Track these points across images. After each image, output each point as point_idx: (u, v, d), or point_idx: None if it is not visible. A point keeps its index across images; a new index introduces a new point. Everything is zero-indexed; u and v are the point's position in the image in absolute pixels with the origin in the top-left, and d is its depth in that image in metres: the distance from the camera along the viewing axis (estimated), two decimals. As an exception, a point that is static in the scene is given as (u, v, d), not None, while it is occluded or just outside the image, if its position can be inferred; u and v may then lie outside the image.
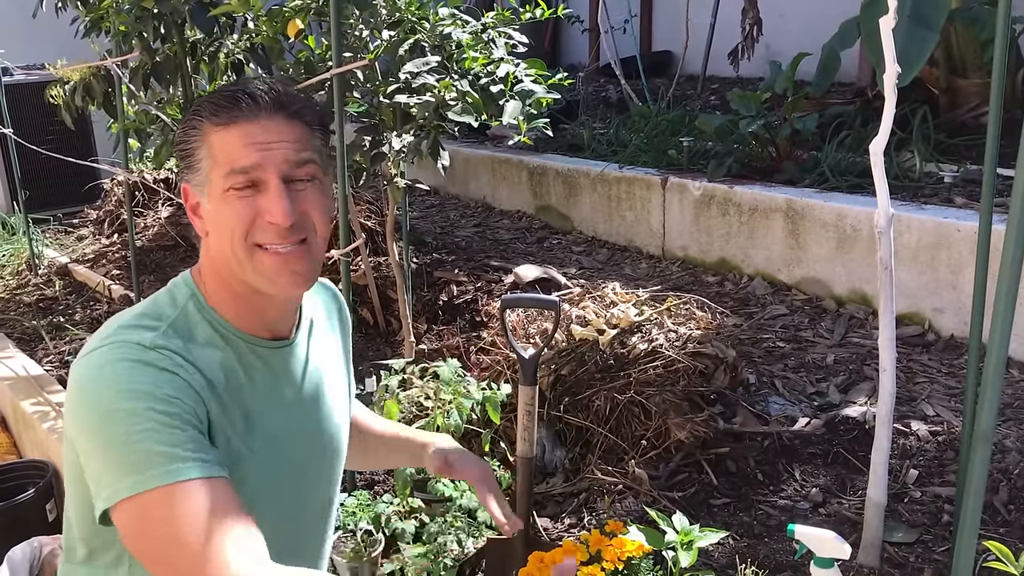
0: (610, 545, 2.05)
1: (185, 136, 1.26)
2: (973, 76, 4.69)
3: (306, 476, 1.40)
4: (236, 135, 1.21)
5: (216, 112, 1.22)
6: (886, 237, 2.14)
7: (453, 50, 2.94)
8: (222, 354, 1.26)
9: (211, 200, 1.24)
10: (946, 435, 2.90)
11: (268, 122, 1.22)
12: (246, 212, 1.21)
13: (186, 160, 1.26)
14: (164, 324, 1.23)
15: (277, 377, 1.34)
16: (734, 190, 4.39)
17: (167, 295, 1.30)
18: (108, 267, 5.47)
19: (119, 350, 1.16)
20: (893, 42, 2.02)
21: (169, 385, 1.14)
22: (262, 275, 1.24)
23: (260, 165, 1.20)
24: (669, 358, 2.93)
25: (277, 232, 1.22)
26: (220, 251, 1.26)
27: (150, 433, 1.10)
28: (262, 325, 1.32)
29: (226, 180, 1.21)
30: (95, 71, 4.07)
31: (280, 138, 1.22)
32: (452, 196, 6.48)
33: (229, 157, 1.21)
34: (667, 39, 7.96)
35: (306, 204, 1.25)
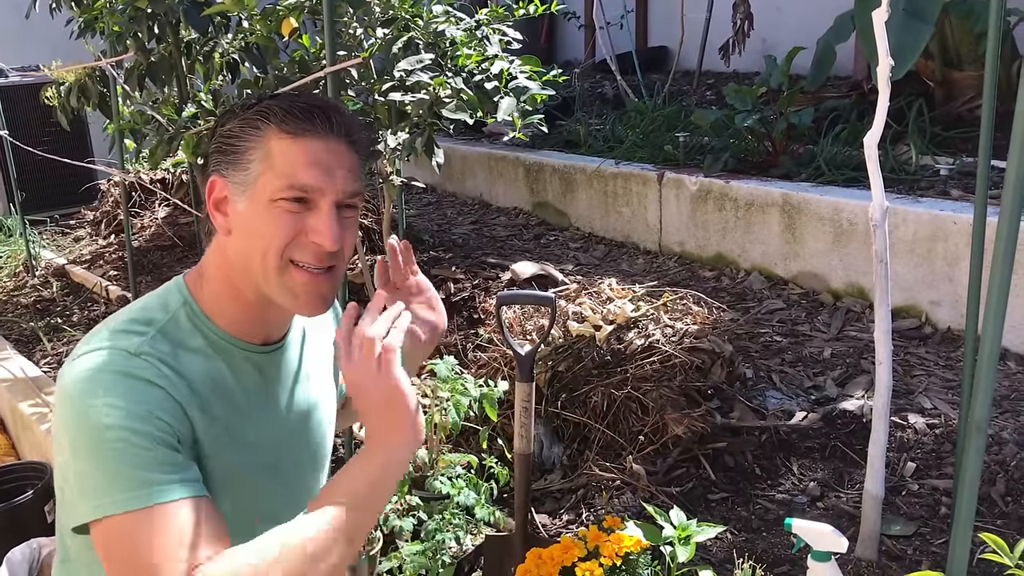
0: (608, 541, 2.05)
1: (241, 132, 1.22)
2: (968, 68, 4.69)
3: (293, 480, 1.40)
4: (302, 150, 1.19)
5: (286, 120, 1.20)
6: (881, 230, 2.14)
7: (447, 47, 2.94)
8: (211, 363, 1.25)
9: (252, 203, 1.21)
10: (943, 428, 2.91)
11: (336, 145, 1.21)
12: (291, 227, 1.20)
13: (231, 156, 1.23)
14: (153, 329, 1.21)
15: (270, 382, 1.33)
16: (730, 185, 4.39)
17: (158, 300, 1.28)
18: (105, 268, 5.47)
19: (104, 358, 1.15)
20: (887, 35, 2.02)
21: (149, 400, 1.13)
22: (289, 291, 1.23)
23: (320, 188, 1.19)
24: (666, 353, 2.93)
25: (316, 254, 1.21)
26: (242, 254, 1.23)
27: (122, 455, 1.09)
28: (259, 331, 1.31)
29: (279, 191, 1.19)
30: (90, 72, 4.07)
31: (341, 164, 1.21)
32: (449, 193, 6.48)
33: (291, 169, 1.19)
34: (662, 35, 7.95)
35: (345, 234, 1.24)
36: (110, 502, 1.09)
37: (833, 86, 5.71)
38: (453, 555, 2.39)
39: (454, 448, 2.94)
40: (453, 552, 2.40)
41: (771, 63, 5.07)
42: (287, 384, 1.37)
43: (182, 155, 4.03)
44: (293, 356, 1.39)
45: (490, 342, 3.40)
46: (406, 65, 2.78)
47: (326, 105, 1.22)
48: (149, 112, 3.58)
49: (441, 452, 2.77)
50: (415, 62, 2.78)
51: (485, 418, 2.81)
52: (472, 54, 2.92)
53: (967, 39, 4.62)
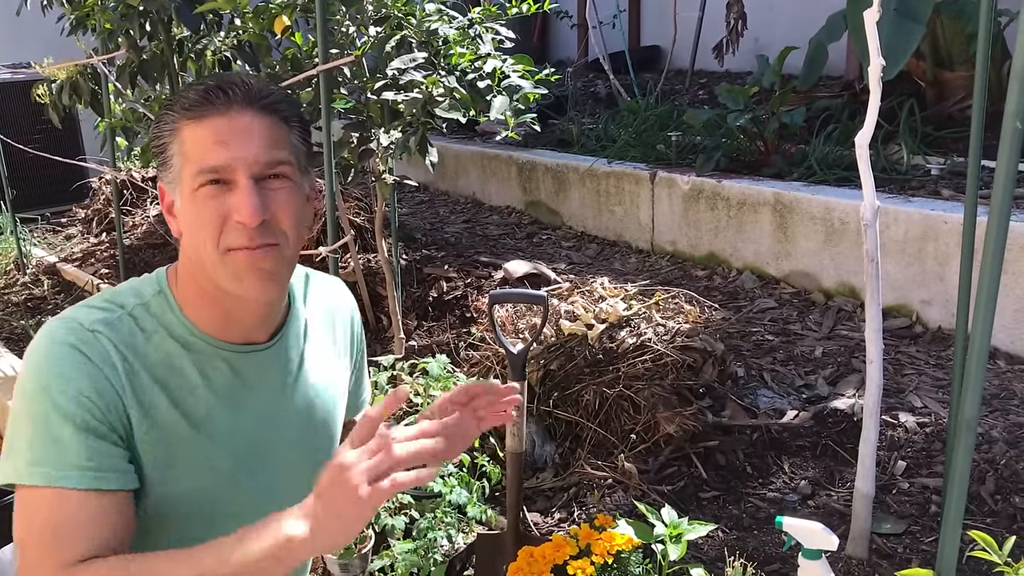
0: (600, 539, 2.05)
1: (158, 131, 1.21)
2: (960, 69, 4.70)
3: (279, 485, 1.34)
4: (207, 131, 1.16)
5: (188, 107, 1.17)
6: (872, 230, 2.15)
7: (440, 46, 2.95)
8: (175, 353, 1.23)
9: (182, 198, 1.20)
10: (934, 426, 2.92)
11: (240, 117, 1.17)
12: (216, 213, 1.16)
13: (160, 157, 1.22)
14: (121, 311, 1.22)
15: (246, 383, 1.29)
16: (722, 184, 4.40)
17: (134, 286, 1.28)
18: (97, 266, 5.45)
19: (59, 329, 1.17)
20: (878, 35, 2.03)
21: (87, 381, 1.13)
22: (233, 276, 1.19)
23: (229, 164, 1.15)
24: (658, 352, 2.93)
25: (246, 233, 1.16)
26: (193, 251, 1.22)
27: (43, 429, 1.12)
28: (236, 329, 1.28)
29: (195, 178, 1.16)
30: (82, 69, 4.06)
31: (252, 135, 1.17)
32: (441, 192, 6.48)
33: (199, 155, 1.16)
34: (655, 34, 7.96)
35: (277, 206, 1.19)
36: (19, 469, 1.12)
37: (825, 86, 5.73)
38: (445, 553, 2.39)
39: (446, 446, 2.94)
40: (445, 550, 2.40)
41: (763, 63, 5.08)
42: (273, 385, 1.33)
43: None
44: (280, 358, 1.34)
45: (482, 341, 3.40)
46: (399, 64, 2.78)
47: (225, 81, 1.18)
48: (141, 110, 3.58)
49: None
50: (408, 61, 2.78)
51: (477, 417, 2.81)
52: (465, 53, 2.93)
53: (958, 39, 4.64)
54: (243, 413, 1.29)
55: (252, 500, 1.30)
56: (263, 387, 1.32)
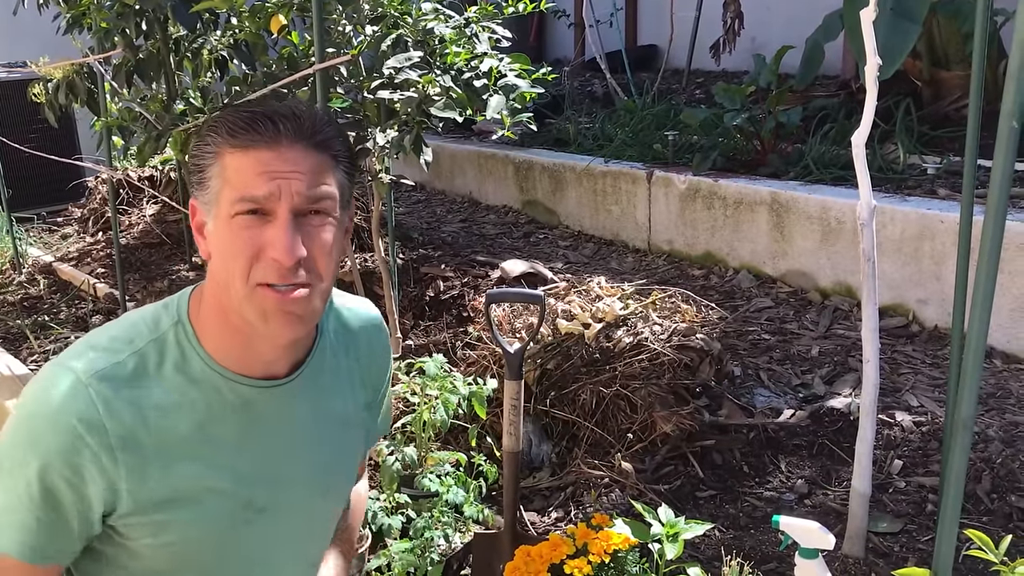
0: (596, 538, 2.05)
1: (198, 151, 1.16)
2: (956, 68, 4.71)
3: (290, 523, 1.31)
4: (251, 161, 1.11)
5: (233, 133, 1.13)
6: (868, 229, 2.15)
7: (436, 45, 2.94)
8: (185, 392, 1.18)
9: (216, 222, 1.15)
10: (930, 425, 2.92)
11: (288, 151, 1.12)
12: (250, 244, 1.11)
13: (196, 176, 1.17)
14: (129, 350, 1.17)
15: (258, 420, 1.24)
16: (719, 183, 4.40)
17: (153, 315, 1.22)
18: (93, 265, 5.44)
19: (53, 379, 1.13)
20: (875, 34, 2.03)
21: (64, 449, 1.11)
22: (259, 313, 1.14)
23: (272, 195, 1.11)
24: (655, 351, 2.93)
25: (278, 270, 1.11)
26: (220, 275, 1.16)
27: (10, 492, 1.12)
28: (256, 363, 1.22)
29: (234, 206, 1.12)
30: (78, 68, 4.05)
31: (297, 168, 1.12)
32: (438, 191, 6.48)
33: (242, 183, 1.11)
34: (652, 33, 7.97)
35: (314, 244, 1.14)
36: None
37: (821, 85, 5.73)
38: (442, 553, 2.39)
39: (443, 446, 2.95)
40: (442, 550, 2.40)
41: (760, 62, 5.09)
42: (286, 422, 1.27)
43: (170, 152, 4.02)
44: (300, 394, 1.28)
45: (479, 340, 3.40)
46: (395, 63, 2.77)
47: (274, 112, 1.14)
48: (137, 109, 3.57)
49: (430, 450, 2.77)
50: (404, 60, 2.77)
51: (474, 416, 2.81)
52: (461, 52, 2.92)
53: (954, 39, 4.64)
54: (254, 453, 1.24)
55: (263, 540, 1.28)
56: (279, 423, 1.26)
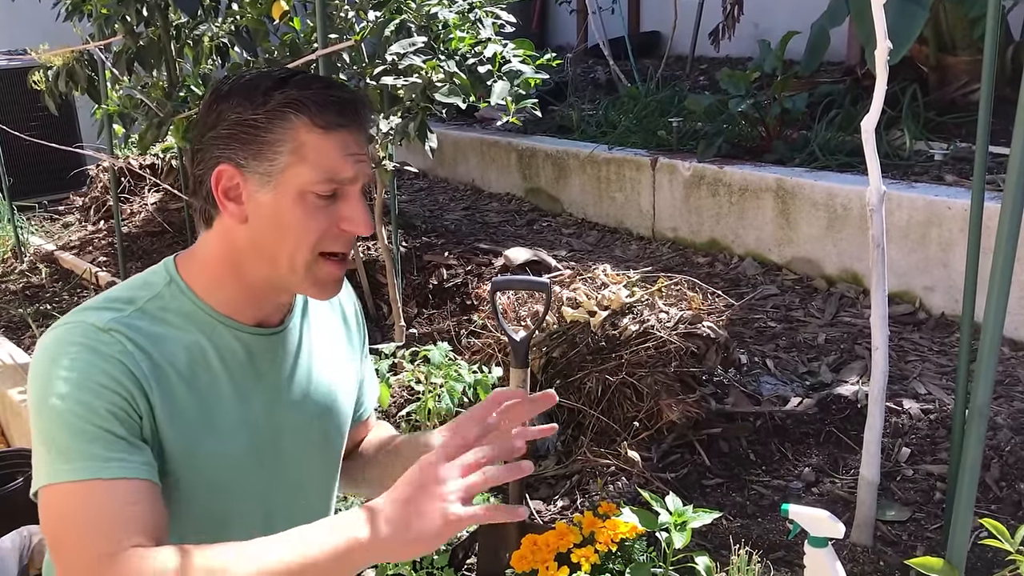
0: (603, 527, 2.04)
1: (267, 123, 1.17)
2: (962, 53, 4.67)
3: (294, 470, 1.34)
4: (337, 143, 1.18)
5: (320, 114, 1.17)
6: (878, 215, 2.13)
7: (440, 30, 2.91)
8: (193, 338, 1.23)
9: (278, 195, 1.18)
10: (938, 413, 2.90)
11: (359, 135, 1.22)
12: (325, 220, 1.20)
13: (252, 145, 1.18)
14: (131, 307, 1.20)
15: (260, 365, 1.29)
16: (724, 170, 4.38)
17: (143, 279, 1.27)
18: (95, 254, 5.43)
19: (72, 331, 1.15)
20: (884, 18, 2.00)
21: (105, 375, 1.12)
22: (316, 281, 1.23)
23: (356, 178, 1.21)
24: (661, 339, 2.92)
25: (348, 241, 1.23)
26: (263, 244, 1.21)
27: (72, 427, 1.10)
28: (252, 313, 1.28)
29: (315, 184, 1.18)
30: (78, 56, 4.02)
31: (363, 151, 1.22)
32: (441, 179, 6.45)
33: (328, 164, 1.18)
34: (655, 19, 7.92)
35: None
36: (50, 471, 1.10)
37: (826, 71, 5.70)
38: (448, 542, 2.38)
39: (448, 434, 2.93)
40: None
41: (765, 48, 5.05)
42: (283, 369, 1.33)
43: (172, 140, 4.00)
44: (292, 341, 1.35)
45: (484, 328, 3.39)
46: (398, 48, 2.75)
47: (355, 98, 1.22)
48: (138, 96, 3.55)
49: (435, 439, 2.75)
50: (407, 45, 2.75)
51: (479, 404, 2.79)
52: (465, 37, 2.90)
53: (961, 24, 4.60)
54: (255, 399, 1.28)
55: (267, 487, 1.31)
56: (274, 372, 1.31)
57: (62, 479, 1.09)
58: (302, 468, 1.37)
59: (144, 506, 1.10)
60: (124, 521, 1.08)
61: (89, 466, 1.09)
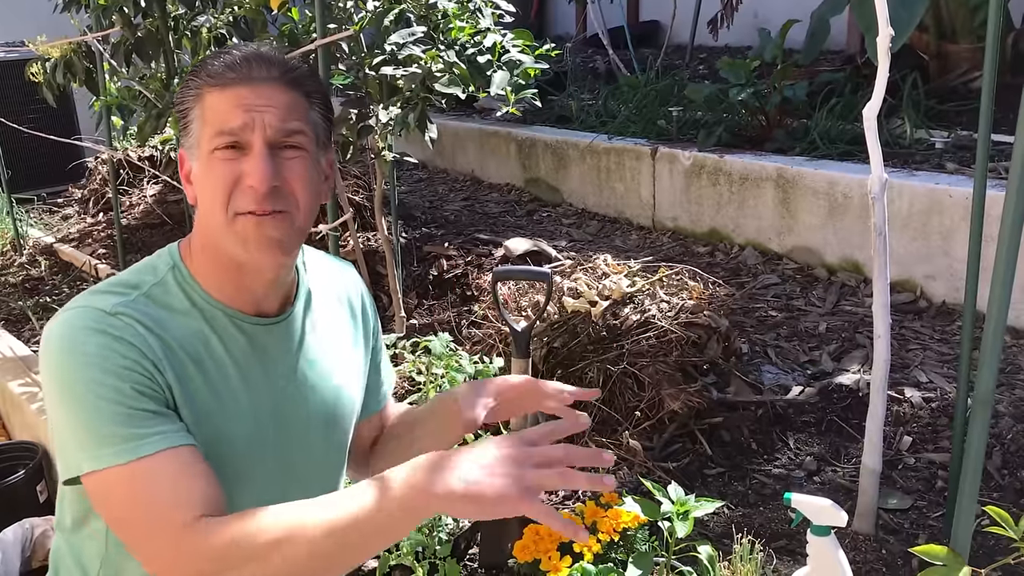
0: (606, 516, 2.04)
1: (182, 97, 1.24)
2: (963, 41, 4.66)
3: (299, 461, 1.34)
4: (228, 96, 1.19)
5: (212, 74, 1.20)
6: (880, 203, 2.12)
7: (439, 20, 2.90)
8: (198, 325, 1.24)
9: (199, 162, 1.22)
10: (939, 401, 2.90)
11: (262, 87, 1.20)
12: (228, 175, 1.18)
13: (182, 123, 1.24)
14: (136, 292, 1.21)
15: (262, 353, 1.30)
16: (724, 159, 4.37)
17: (147, 264, 1.28)
18: (94, 246, 5.42)
19: (80, 316, 1.15)
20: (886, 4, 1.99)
21: (123, 356, 1.12)
22: (239, 240, 1.20)
23: (247, 126, 1.18)
24: (662, 329, 2.91)
25: (255, 197, 1.18)
26: (206, 216, 1.23)
27: (104, 411, 1.10)
28: (247, 300, 1.28)
29: (212, 141, 1.19)
30: (76, 47, 4.01)
31: (271, 103, 1.19)
32: (440, 170, 6.44)
33: (218, 118, 1.19)
34: (654, 9, 7.90)
35: (290, 174, 1.21)
36: (91, 457, 1.10)
37: (826, 60, 5.68)
38: (450, 532, 2.38)
39: (449, 425, 2.93)
40: (450, 529, 2.39)
41: (765, 36, 5.03)
42: (285, 359, 1.32)
43: (170, 132, 3.98)
44: (293, 332, 1.34)
45: (484, 319, 3.38)
46: (397, 38, 2.73)
47: (251, 53, 1.22)
48: (136, 88, 3.53)
49: (436, 429, 2.75)
50: (407, 35, 2.73)
51: (480, 395, 2.79)
52: (464, 27, 2.88)
53: (962, 11, 4.59)
54: (259, 387, 1.29)
55: (273, 475, 1.31)
56: (276, 361, 1.31)
57: (106, 464, 1.09)
58: (307, 456, 1.37)
59: (196, 473, 1.11)
60: (186, 493, 1.09)
61: (131, 447, 1.09)
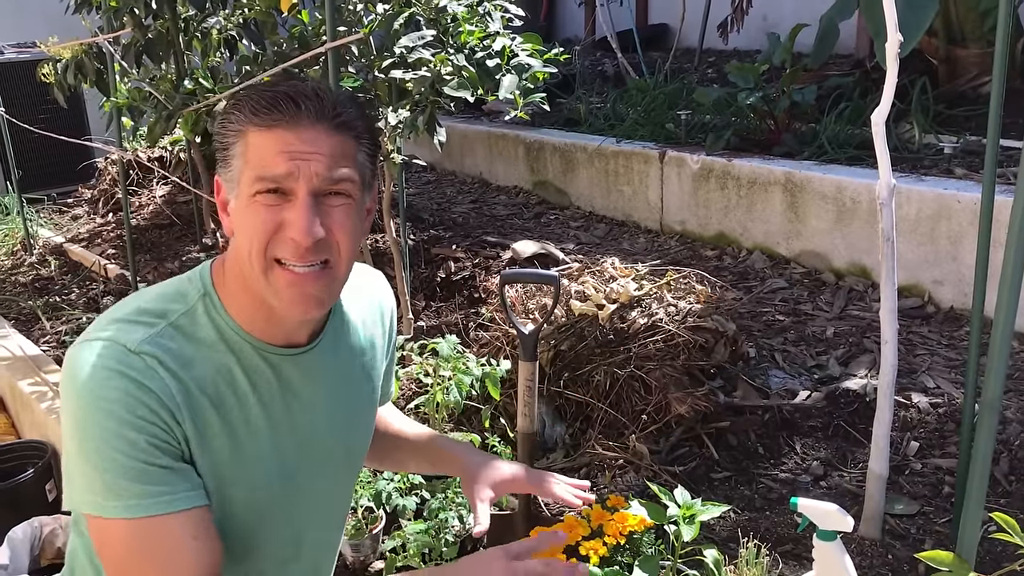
0: (612, 520, 2.04)
1: (223, 129, 1.18)
2: (972, 46, 4.65)
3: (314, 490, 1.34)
4: (272, 140, 1.13)
5: (256, 111, 1.14)
6: (888, 209, 2.12)
7: (448, 24, 2.91)
8: (222, 358, 1.21)
9: (239, 201, 1.17)
10: (947, 407, 2.90)
11: (308, 132, 1.13)
12: (269, 222, 1.13)
13: (221, 154, 1.19)
14: (163, 322, 1.18)
15: (287, 385, 1.27)
16: (732, 163, 4.36)
17: (178, 289, 1.24)
18: (103, 246, 5.44)
19: (103, 352, 1.12)
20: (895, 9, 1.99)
21: (142, 405, 1.10)
22: (274, 291, 1.17)
23: (291, 175, 1.12)
24: (669, 332, 2.92)
25: (296, 249, 1.14)
26: (242, 254, 1.18)
27: (117, 463, 1.09)
28: (277, 332, 1.25)
29: (254, 185, 1.14)
30: (87, 48, 4.03)
31: (317, 149, 1.13)
32: (448, 172, 6.45)
33: (261, 162, 1.13)
34: (663, 12, 7.89)
35: (334, 224, 1.16)
36: (99, 503, 1.10)
37: (835, 64, 5.67)
38: (456, 534, 2.38)
39: (456, 427, 2.94)
40: (456, 531, 2.40)
41: (774, 40, 5.03)
42: (307, 388, 1.30)
43: (180, 132, 4.00)
44: (322, 362, 1.32)
45: (492, 321, 3.39)
46: (407, 42, 2.74)
47: (296, 91, 1.14)
48: (147, 89, 3.55)
49: (443, 431, 2.76)
50: (416, 38, 2.75)
51: (487, 397, 2.80)
52: (474, 31, 2.89)
53: (971, 16, 4.58)
54: (283, 422, 1.26)
55: (296, 507, 1.30)
56: (299, 392, 1.28)
57: (113, 515, 1.09)
58: (329, 483, 1.36)
59: (200, 538, 1.11)
60: (186, 561, 1.10)
61: (140, 504, 1.09)
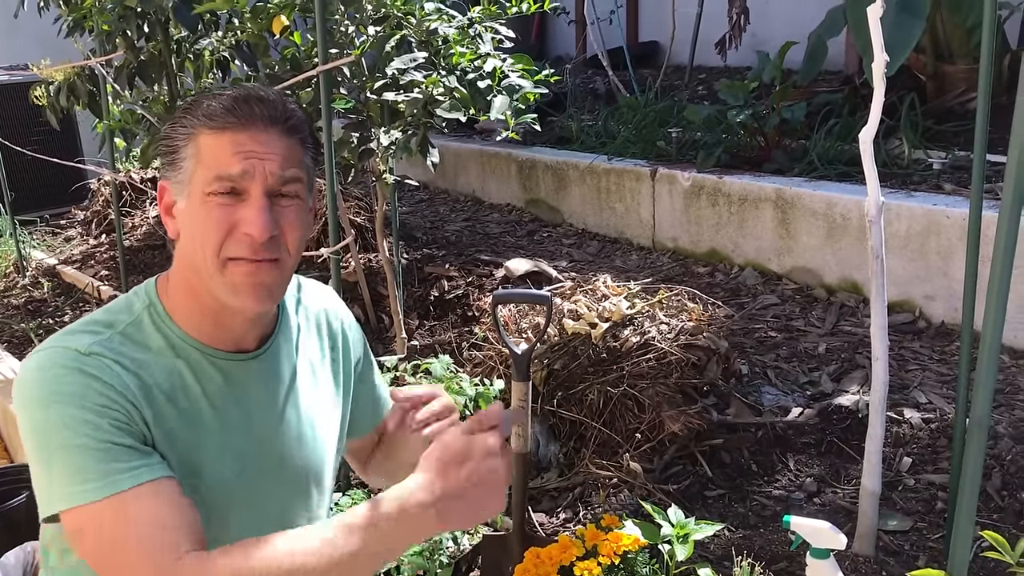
0: (606, 539, 2.04)
1: (173, 132, 1.22)
2: (960, 62, 4.69)
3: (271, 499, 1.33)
4: (226, 142, 1.18)
5: (209, 115, 1.19)
6: (877, 226, 2.14)
7: (440, 45, 2.93)
8: (173, 364, 1.23)
9: (189, 202, 1.21)
10: (939, 422, 2.91)
11: (261, 134, 1.19)
12: (223, 222, 1.18)
13: (169, 157, 1.23)
14: (111, 331, 1.20)
15: (238, 391, 1.28)
16: (723, 180, 4.39)
17: (124, 302, 1.27)
18: (97, 268, 5.43)
19: (55, 357, 1.15)
20: (881, 30, 2.01)
21: (100, 394, 1.12)
22: (230, 286, 1.20)
23: (247, 174, 1.17)
24: (662, 350, 2.92)
25: (250, 245, 1.18)
26: (189, 256, 1.22)
27: (81, 448, 1.09)
28: (225, 337, 1.28)
29: (210, 184, 1.18)
30: (79, 71, 4.04)
31: (271, 151, 1.19)
32: (441, 191, 6.46)
33: (216, 162, 1.18)
34: (653, 29, 7.94)
35: (285, 223, 1.21)
36: (68, 494, 1.09)
37: (824, 81, 5.71)
38: (451, 555, 2.38)
39: (450, 447, 2.93)
40: (451, 552, 2.39)
41: (763, 58, 5.07)
42: (262, 394, 1.31)
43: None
44: (272, 367, 1.33)
45: (485, 340, 3.39)
46: (399, 63, 2.76)
47: (250, 95, 1.21)
48: (139, 111, 3.56)
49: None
50: (408, 60, 2.76)
51: (481, 417, 2.79)
52: (465, 52, 2.91)
53: (958, 33, 4.62)
54: (236, 426, 1.27)
55: (255, 512, 1.30)
56: (254, 397, 1.30)
57: (87, 500, 1.08)
58: (287, 492, 1.35)
59: (180, 504, 1.11)
60: (172, 526, 1.09)
61: (111, 481, 1.09)
